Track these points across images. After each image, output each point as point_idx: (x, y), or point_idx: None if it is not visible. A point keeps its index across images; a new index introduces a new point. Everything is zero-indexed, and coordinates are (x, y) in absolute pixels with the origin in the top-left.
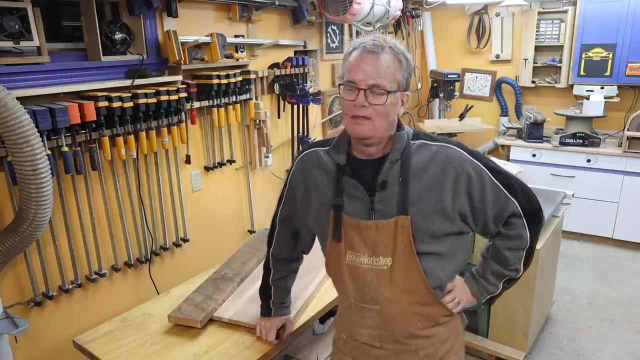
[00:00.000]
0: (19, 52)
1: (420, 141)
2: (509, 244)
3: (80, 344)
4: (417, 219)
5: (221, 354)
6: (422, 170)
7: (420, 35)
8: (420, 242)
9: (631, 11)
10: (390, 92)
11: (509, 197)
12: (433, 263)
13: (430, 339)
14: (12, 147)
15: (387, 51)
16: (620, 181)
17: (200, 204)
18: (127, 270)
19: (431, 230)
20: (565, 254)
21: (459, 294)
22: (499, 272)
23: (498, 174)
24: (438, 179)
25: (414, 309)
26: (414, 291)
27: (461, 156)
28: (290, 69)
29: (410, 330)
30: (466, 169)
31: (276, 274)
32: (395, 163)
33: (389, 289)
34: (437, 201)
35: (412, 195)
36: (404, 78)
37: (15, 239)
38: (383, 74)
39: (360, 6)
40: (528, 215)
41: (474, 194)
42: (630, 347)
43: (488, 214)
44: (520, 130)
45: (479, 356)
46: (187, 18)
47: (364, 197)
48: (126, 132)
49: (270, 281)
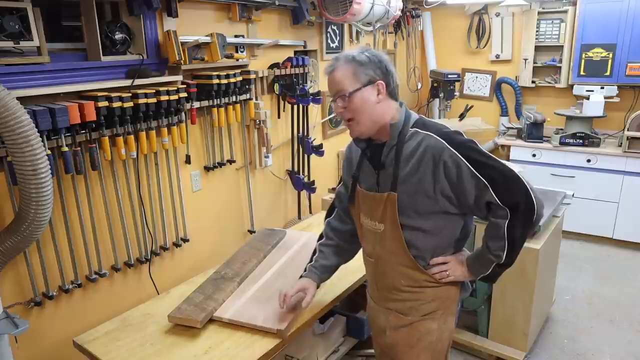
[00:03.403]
0: (19, 52)
1: (414, 129)
2: (489, 231)
3: (80, 344)
4: (403, 197)
5: (221, 354)
6: (409, 155)
7: (420, 35)
8: (406, 216)
9: (631, 11)
10: (350, 94)
11: (487, 186)
12: (415, 235)
13: (415, 294)
14: (12, 147)
15: (341, 63)
16: (620, 181)
17: (200, 204)
18: (127, 270)
19: (415, 207)
20: (565, 254)
21: (452, 268)
22: (485, 257)
23: (477, 164)
24: (420, 164)
25: (398, 268)
26: (397, 254)
27: (440, 145)
28: (290, 69)
29: (395, 284)
30: (443, 157)
31: (325, 240)
32: (392, 148)
33: (381, 248)
34: (419, 183)
35: (400, 176)
36: (365, 74)
37: (15, 239)
38: (340, 84)
39: (360, 6)
40: (508, 208)
41: (452, 179)
42: (630, 347)
43: (468, 199)
44: (520, 130)
45: (479, 356)
46: (187, 18)
47: (373, 174)
48: (126, 132)
49: (318, 245)
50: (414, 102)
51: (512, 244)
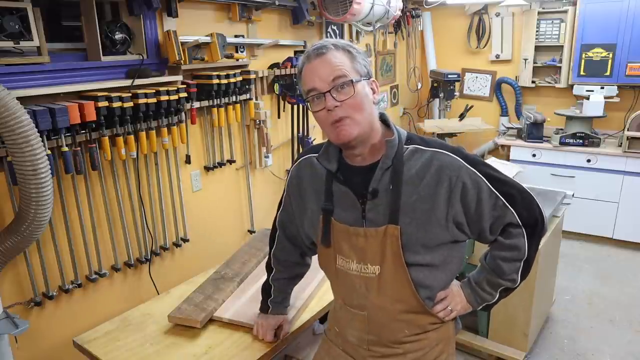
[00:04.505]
0: (19, 52)
1: (414, 146)
2: (506, 254)
3: (80, 344)
4: (409, 229)
5: (221, 354)
6: (415, 177)
7: (420, 35)
8: (411, 253)
9: (631, 11)
10: (354, 81)
11: (507, 206)
12: (424, 274)
13: (419, 342)
14: (12, 147)
15: (332, 48)
16: (620, 181)
17: (200, 204)
18: (127, 270)
19: (424, 240)
20: (565, 254)
21: (454, 302)
22: (495, 282)
23: (496, 182)
24: (432, 188)
25: (402, 316)
26: (403, 300)
27: (456, 163)
28: (290, 69)
29: (397, 336)
30: (461, 177)
31: (276, 274)
32: (387, 171)
33: (377, 296)
34: (431, 211)
35: (404, 204)
36: (362, 66)
37: (15, 239)
38: (338, 67)
39: (360, 6)
40: (527, 226)
41: (470, 203)
42: (630, 347)
43: (484, 222)
44: (520, 130)
45: (479, 356)
46: (187, 18)
47: (355, 204)
48: (126, 132)
49: (270, 280)
50: (414, 102)
51: (528, 264)
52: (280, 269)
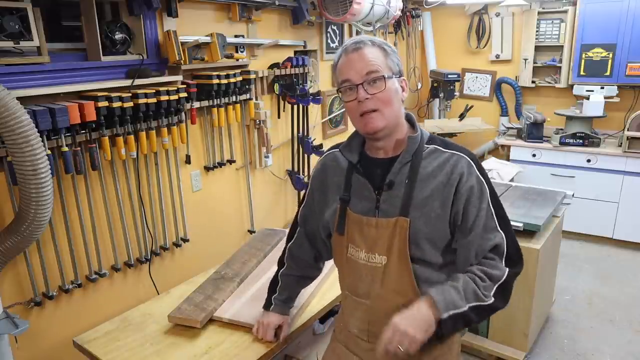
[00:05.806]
0: (19, 52)
1: (433, 146)
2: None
3: (80, 344)
4: (417, 223)
5: (221, 354)
6: (430, 175)
7: (420, 35)
8: (417, 247)
9: (631, 11)
10: (386, 77)
11: (498, 228)
12: (427, 271)
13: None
14: (12, 147)
15: (369, 44)
16: (620, 181)
17: (200, 204)
18: (127, 270)
19: (431, 237)
20: (565, 254)
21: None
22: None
23: (496, 201)
24: (445, 185)
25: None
26: (403, 293)
27: (470, 167)
28: (290, 69)
29: None
30: (470, 180)
31: (287, 269)
32: (405, 165)
33: (381, 286)
34: (439, 209)
35: (416, 198)
36: (395, 64)
37: (15, 239)
38: (372, 62)
39: (360, 6)
40: (509, 255)
41: (470, 208)
42: (630, 347)
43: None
44: (520, 130)
45: (479, 356)
46: (187, 18)
47: (371, 195)
48: (126, 132)
49: (279, 275)
50: (414, 102)
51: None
52: (292, 265)
